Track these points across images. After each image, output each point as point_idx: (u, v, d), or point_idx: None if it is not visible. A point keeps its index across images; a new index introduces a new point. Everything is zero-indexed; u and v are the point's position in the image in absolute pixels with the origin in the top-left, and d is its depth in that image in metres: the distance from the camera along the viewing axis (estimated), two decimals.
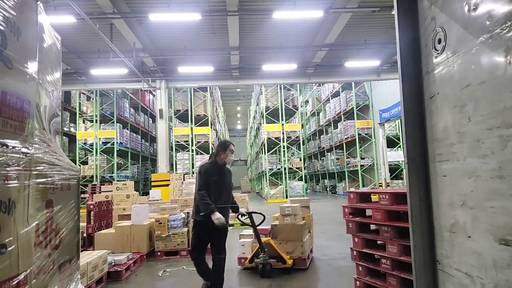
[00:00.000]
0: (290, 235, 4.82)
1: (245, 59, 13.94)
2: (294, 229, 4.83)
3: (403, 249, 3.08)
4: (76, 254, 2.31)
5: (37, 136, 1.84)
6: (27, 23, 1.76)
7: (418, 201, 1.85)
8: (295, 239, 4.80)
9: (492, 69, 1.36)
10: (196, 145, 17.43)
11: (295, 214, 4.90)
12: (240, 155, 47.20)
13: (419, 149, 1.87)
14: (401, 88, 1.93)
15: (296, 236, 4.80)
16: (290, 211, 4.92)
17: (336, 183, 21.94)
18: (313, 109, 25.71)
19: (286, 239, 4.83)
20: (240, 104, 36.35)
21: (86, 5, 9.12)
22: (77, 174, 2.35)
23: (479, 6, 1.42)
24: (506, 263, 1.31)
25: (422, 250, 1.83)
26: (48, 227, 1.90)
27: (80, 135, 18.00)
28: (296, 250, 4.78)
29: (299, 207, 5.19)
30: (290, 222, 4.86)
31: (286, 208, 4.95)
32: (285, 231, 4.86)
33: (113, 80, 14.39)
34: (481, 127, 1.42)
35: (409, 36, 1.91)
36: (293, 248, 4.81)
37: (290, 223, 4.85)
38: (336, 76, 15.05)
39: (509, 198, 1.29)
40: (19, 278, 1.55)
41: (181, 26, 10.88)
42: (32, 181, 1.73)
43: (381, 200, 3.36)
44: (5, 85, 1.53)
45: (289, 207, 4.95)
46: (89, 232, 6.08)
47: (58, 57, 2.33)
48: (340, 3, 9.70)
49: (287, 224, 4.86)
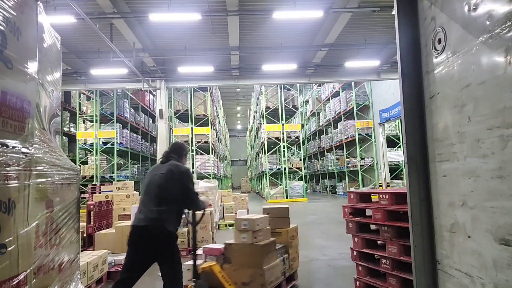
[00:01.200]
0: (247, 259, 3.52)
1: (245, 59, 13.94)
2: (252, 251, 3.48)
3: (403, 249, 3.08)
4: (76, 254, 2.31)
5: (37, 136, 1.84)
6: (27, 23, 1.76)
7: (418, 201, 1.85)
8: (252, 265, 3.46)
9: (492, 69, 1.36)
10: (196, 145, 17.44)
11: (256, 230, 3.54)
12: (240, 155, 47.24)
13: (419, 149, 1.87)
14: (401, 88, 1.93)
15: (254, 261, 3.46)
16: (247, 226, 3.55)
17: (336, 183, 21.94)
18: (313, 109, 25.72)
19: (242, 265, 3.53)
20: (240, 104, 36.35)
21: (86, 5, 9.12)
22: (77, 174, 2.35)
23: (479, 6, 1.42)
24: (506, 263, 1.31)
25: (422, 250, 1.83)
26: (48, 227, 1.90)
27: (80, 135, 17.99)
28: (255, 281, 3.42)
29: (266, 219, 3.80)
30: (248, 241, 3.51)
31: (242, 221, 3.59)
32: (241, 253, 3.56)
33: (113, 80, 14.39)
34: (481, 127, 1.42)
35: (409, 36, 1.91)
36: (250, 277, 3.44)
37: (247, 242, 3.51)
38: (336, 76, 15.04)
39: (509, 198, 1.29)
40: (19, 278, 1.55)
41: (181, 26, 10.88)
42: (32, 181, 1.73)
43: (381, 200, 3.36)
44: (5, 85, 1.53)
45: (247, 220, 3.57)
46: (89, 232, 6.07)
47: (58, 57, 2.33)
48: (340, 3, 9.70)
49: (244, 244, 3.55)
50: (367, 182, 18.81)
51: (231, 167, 42.88)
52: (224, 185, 26.44)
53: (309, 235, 7.71)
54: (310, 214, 11.65)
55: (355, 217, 3.77)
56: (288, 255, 4.00)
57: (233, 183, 40.12)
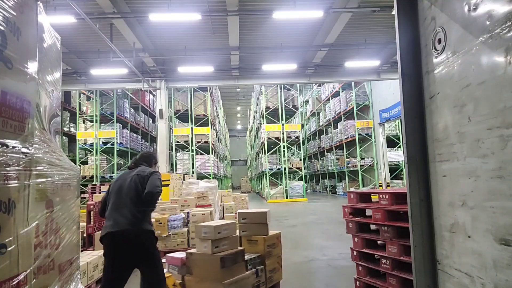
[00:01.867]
0: (207, 271, 3.17)
1: (245, 59, 13.94)
2: (212, 262, 3.13)
3: (403, 249, 3.08)
4: (76, 254, 2.31)
5: (37, 136, 1.84)
6: (27, 23, 1.76)
7: (418, 201, 1.85)
8: (212, 279, 3.13)
9: (492, 69, 1.36)
10: (196, 145, 17.43)
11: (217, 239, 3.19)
12: (240, 155, 47.23)
13: (419, 149, 1.87)
14: (401, 88, 1.93)
15: (213, 274, 3.12)
16: (207, 234, 3.20)
17: (336, 183, 21.94)
18: (313, 109, 25.72)
19: (203, 277, 3.20)
20: (240, 104, 36.35)
21: (86, 5, 9.12)
22: (77, 174, 2.35)
23: (479, 6, 1.42)
24: (506, 263, 1.31)
25: (422, 250, 1.83)
26: (48, 227, 1.90)
27: (80, 135, 17.99)
28: None
29: (233, 225, 3.39)
30: (208, 251, 3.19)
31: (202, 228, 3.24)
32: (201, 264, 3.22)
33: (113, 80, 14.39)
34: (481, 127, 1.42)
35: (409, 36, 1.91)
36: None
37: (207, 252, 3.19)
38: (336, 76, 15.04)
39: (509, 198, 1.29)
40: (19, 278, 1.55)
41: (181, 26, 10.88)
42: (32, 181, 1.73)
43: (381, 200, 3.36)
44: (5, 85, 1.53)
45: (207, 227, 3.22)
46: (89, 232, 6.07)
47: (58, 57, 2.33)
48: (340, 3, 9.70)
49: (204, 254, 3.21)
50: (367, 182, 18.81)
51: (231, 167, 42.88)
52: (224, 185, 26.44)
53: (309, 235, 7.71)
54: (310, 214, 11.65)
55: (355, 217, 3.77)
56: (264, 266, 3.63)
57: (233, 183, 40.12)
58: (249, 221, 3.86)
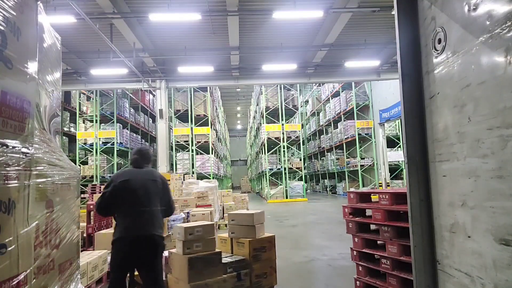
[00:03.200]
0: (181, 272, 3.24)
1: (245, 59, 13.94)
2: (183, 264, 3.16)
3: (403, 249, 3.08)
4: (76, 254, 2.31)
5: (37, 136, 1.84)
6: (27, 23, 1.76)
7: (418, 201, 1.85)
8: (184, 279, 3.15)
9: (492, 69, 1.36)
10: (196, 145, 17.44)
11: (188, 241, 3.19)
12: (240, 155, 47.23)
13: (419, 149, 1.87)
14: (401, 88, 1.93)
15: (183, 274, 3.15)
16: (179, 235, 3.26)
17: (336, 183, 21.94)
18: (313, 109, 25.73)
19: (179, 278, 3.28)
20: (240, 104, 36.35)
21: (86, 5, 9.12)
22: (77, 174, 2.35)
23: (479, 6, 1.42)
24: (506, 263, 1.31)
25: (422, 250, 1.83)
26: (48, 227, 1.90)
27: (80, 135, 17.99)
28: None
29: (210, 227, 3.36)
30: (180, 251, 3.26)
31: (178, 230, 3.30)
32: (177, 264, 3.31)
33: (113, 80, 14.39)
34: (481, 127, 1.42)
35: (409, 36, 1.91)
36: None
37: (179, 253, 3.25)
38: (336, 76, 15.05)
39: (509, 198, 1.29)
40: (19, 278, 1.55)
41: (181, 26, 10.88)
42: (32, 181, 1.73)
43: (381, 200, 3.36)
44: (5, 85, 1.53)
45: (179, 228, 3.29)
46: (89, 232, 6.07)
47: (58, 57, 2.33)
48: (340, 3, 9.70)
49: (178, 255, 3.29)
50: (367, 182, 18.81)
51: (231, 167, 42.88)
52: (224, 185, 26.44)
53: (309, 235, 7.71)
54: (310, 214, 11.65)
55: (355, 217, 3.77)
56: (249, 270, 3.53)
57: (233, 183, 40.11)
58: (237, 222, 3.80)
